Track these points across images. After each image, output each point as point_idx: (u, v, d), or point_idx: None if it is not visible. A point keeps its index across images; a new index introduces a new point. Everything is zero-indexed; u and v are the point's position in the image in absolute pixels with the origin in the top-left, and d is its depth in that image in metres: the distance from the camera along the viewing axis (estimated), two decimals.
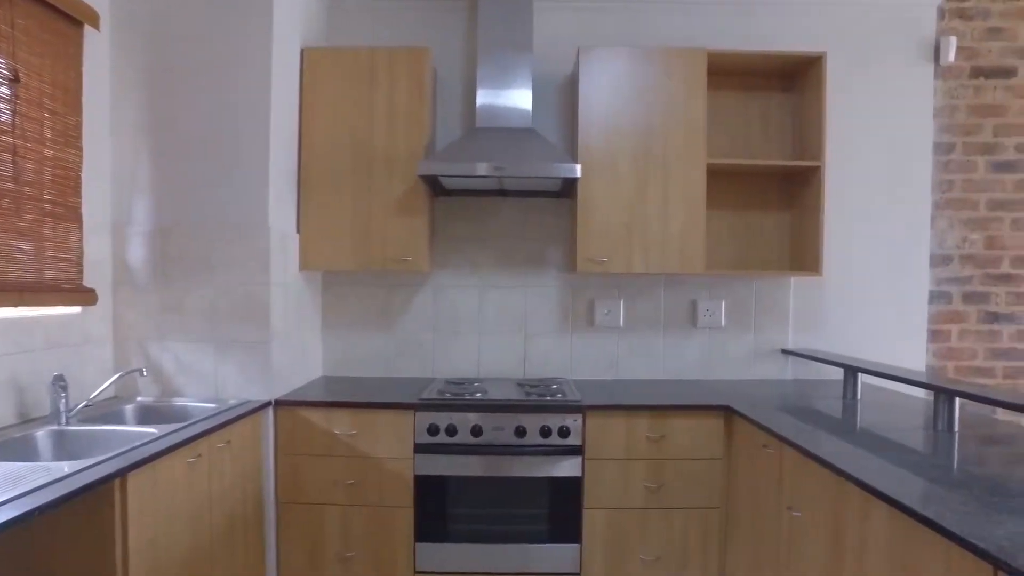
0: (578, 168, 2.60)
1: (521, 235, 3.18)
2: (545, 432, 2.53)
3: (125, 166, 2.50)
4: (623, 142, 2.82)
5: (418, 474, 2.54)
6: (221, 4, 2.46)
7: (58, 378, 2.05)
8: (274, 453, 2.56)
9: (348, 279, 3.17)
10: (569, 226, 3.14)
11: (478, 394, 2.67)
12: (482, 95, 2.89)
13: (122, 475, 1.60)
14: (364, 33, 3.15)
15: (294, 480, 2.56)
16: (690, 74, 2.82)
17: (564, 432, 2.53)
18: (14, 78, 1.96)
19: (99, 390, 2.23)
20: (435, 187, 2.96)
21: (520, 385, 2.90)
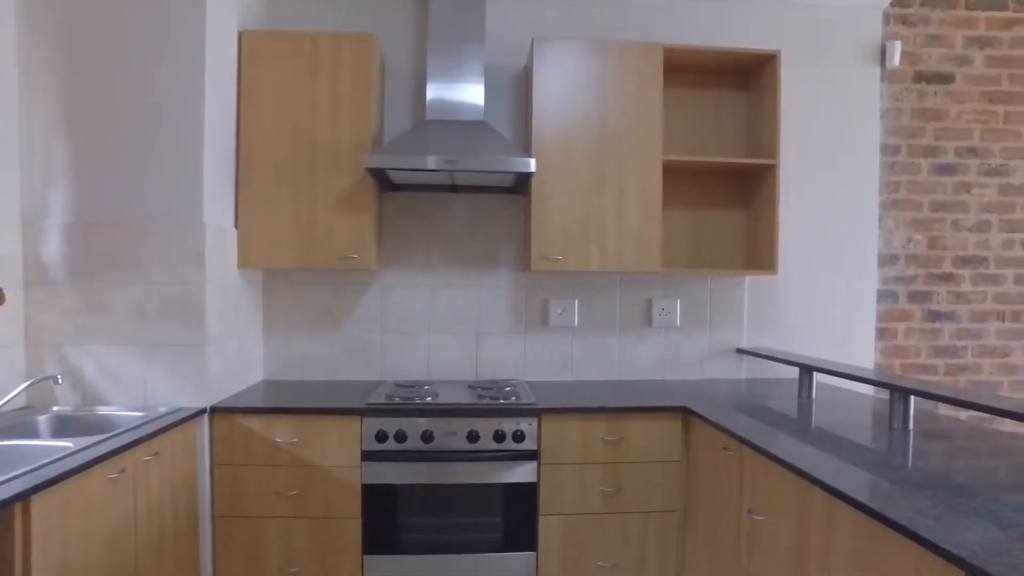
0: (532, 162, 2.52)
1: (473, 232, 3.08)
2: (499, 437, 2.44)
3: (37, 154, 2.28)
4: (578, 137, 2.76)
5: (366, 483, 2.41)
6: None
7: None
8: (210, 464, 2.39)
9: (291, 278, 3.01)
10: (523, 223, 3.05)
11: (428, 398, 2.55)
12: (432, 87, 2.77)
13: (24, 498, 1.42)
14: (308, 18, 2.99)
15: (232, 492, 2.39)
16: (646, 68, 2.77)
17: (519, 436, 2.44)
18: None
19: (5, 400, 2.02)
20: (383, 181, 2.82)
21: (472, 388, 2.80)
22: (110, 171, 2.30)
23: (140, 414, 2.19)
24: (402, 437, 2.41)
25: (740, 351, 3.16)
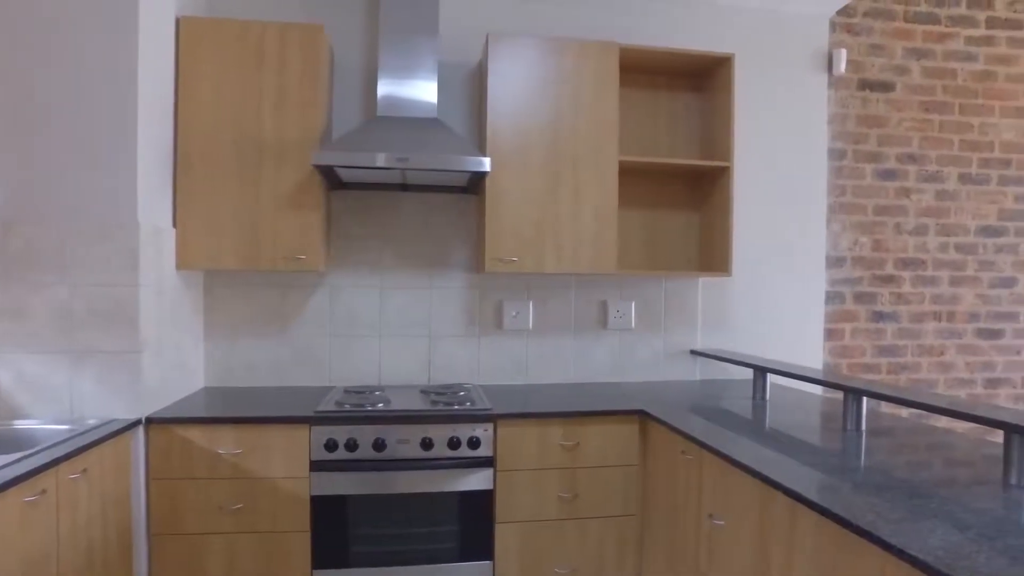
0: (487, 161, 2.46)
1: (425, 233, 3.00)
2: (454, 444, 2.36)
3: None
4: (534, 136, 2.71)
5: (315, 494, 2.30)
6: None
7: None
8: (145, 479, 2.23)
9: (233, 279, 2.86)
10: (476, 224, 2.99)
11: (380, 404, 2.46)
12: (384, 82, 2.68)
13: None
14: (253, 7, 2.85)
15: (170, 508, 2.25)
16: (603, 68, 2.75)
17: (474, 443, 2.38)
18: None
19: None
20: (331, 179, 2.71)
21: (425, 393, 2.72)
22: (31, 164, 2.12)
23: (66, 427, 2.02)
24: (353, 446, 2.31)
25: (694, 352, 3.17)
